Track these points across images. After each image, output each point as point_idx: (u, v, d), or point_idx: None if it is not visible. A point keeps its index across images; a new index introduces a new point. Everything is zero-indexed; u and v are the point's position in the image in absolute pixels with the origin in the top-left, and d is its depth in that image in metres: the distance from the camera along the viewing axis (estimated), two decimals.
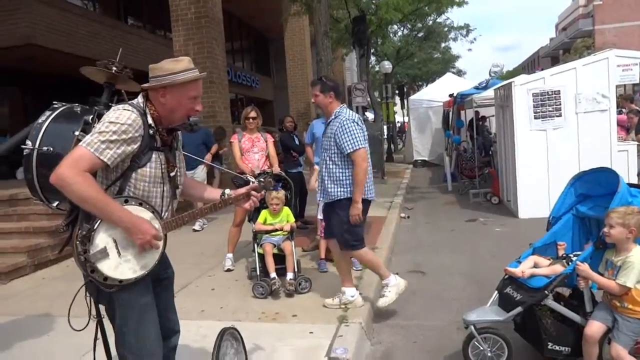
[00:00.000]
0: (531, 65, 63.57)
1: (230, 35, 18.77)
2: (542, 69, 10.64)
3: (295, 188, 6.01)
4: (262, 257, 4.64)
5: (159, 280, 2.25)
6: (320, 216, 5.26)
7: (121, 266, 2.00)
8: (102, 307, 2.22)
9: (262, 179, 2.62)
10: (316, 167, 5.50)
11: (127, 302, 2.07)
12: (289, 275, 4.46)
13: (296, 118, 12.81)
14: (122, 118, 1.98)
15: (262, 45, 25.88)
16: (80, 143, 1.94)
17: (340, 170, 3.87)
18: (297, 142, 7.73)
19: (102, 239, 1.96)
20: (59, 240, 6.07)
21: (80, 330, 2.19)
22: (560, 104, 7.56)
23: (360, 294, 4.15)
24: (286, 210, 4.91)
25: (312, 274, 4.81)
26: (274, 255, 4.61)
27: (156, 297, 2.21)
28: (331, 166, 3.90)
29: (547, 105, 7.61)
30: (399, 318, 4.14)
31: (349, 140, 3.77)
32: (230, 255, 5.34)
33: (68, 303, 4.24)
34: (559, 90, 7.54)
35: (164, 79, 2.09)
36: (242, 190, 2.49)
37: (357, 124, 3.86)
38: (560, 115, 7.57)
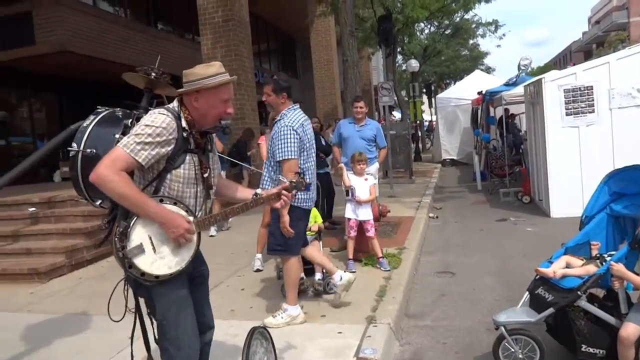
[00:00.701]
0: (563, 60, 61.97)
1: (257, 38, 18.95)
2: (574, 64, 10.39)
3: (323, 189, 6.06)
4: None
5: (194, 277, 2.34)
6: (347, 216, 5.29)
7: (157, 262, 2.08)
8: (141, 301, 2.31)
9: (293, 179, 2.65)
10: (342, 164, 5.51)
11: (165, 296, 2.16)
12: (317, 276, 4.49)
13: (323, 118, 12.88)
14: (157, 121, 2.08)
15: (288, 46, 26.05)
16: (118, 144, 2.05)
17: (277, 176, 3.71)
18: (323, 142, 7.77)
19: (138, 235, 2.05)
20: (95, 241, 6.27)
21: (118, 321, 2.28)
22: (593, 100, 7.36)
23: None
24: (314, 210, 4.93)
25: None
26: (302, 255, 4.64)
27: (191, 294, 2.29)
28: (271, 171, 3.83)
29: (579, 101, 7.42)
30: (428, 319, 4.12)
31: (280, 147, 3.65)
32: (259, 255, 5.40)
33: (104, 302, 4.37)
34: (592, 86, 7.35)
35: (196, 83, 2.19)
36: (274, 190, 2.54)
37: (295, 132, 3.67)
38: (593, 112, 7.38)
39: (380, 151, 6.42)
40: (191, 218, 2.17)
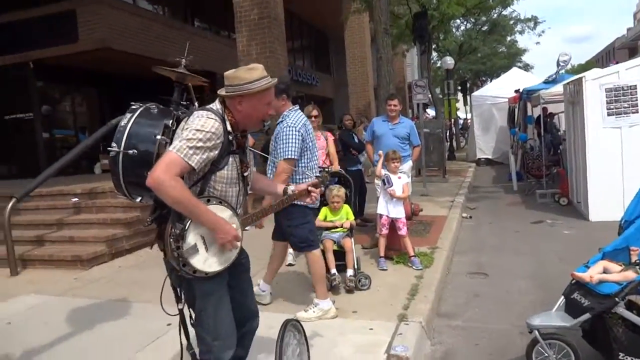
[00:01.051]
0: (606, 57, 59.74)
1: (291, 35, 19.07)
2: (618, 62, 10.03)
3: (355, 186, 6.08)
4: (322, 253, 4.73)
5: (234, 266, 2.39)
6: (380, 212, 5.31)
7: (209, 260, 2.18)
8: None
9: (318, 175, 2.74)
10: (381, 152, 5.53)
11: (206, 290, 2.26)
12: (349, 272, 4.53)
13: (355, 116, 12.86)
14: (207, 126, 2.13)
15: (322, 43, 26.09)
16: (170, 148, 2.09)
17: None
18: (356, 140, 7.79)
19: (192, 237, 2.14)
20: (133, 231, 6.50)
21: (174, 316, 2.37)
22: (636, 100, 7.11)
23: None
24: (346, 207, 4.98)
25: (372, 272, 4.85)
26: (334, 251, 4.69)
27: (235, 283, 2.40)
28: (274, 169, 3.87)
29: (621, 101, 7.18)
30: (460, 319, 4.10)
31: (282, 147, 3.73)
32: (291, 250, 5.46)
33: (143, 290, 4.55)
34: (636, 85, 7.09)
35: (240, 88, 2.23)
36: (303, 186, 2.67)
37: (298, 132, 3.75)
38: (636, 112, 7.13)
39: (414, 149, 6.39)
40: (236, 219, 2.25)
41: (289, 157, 3.73)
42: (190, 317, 2.38)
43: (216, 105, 2.30)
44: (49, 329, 3.99)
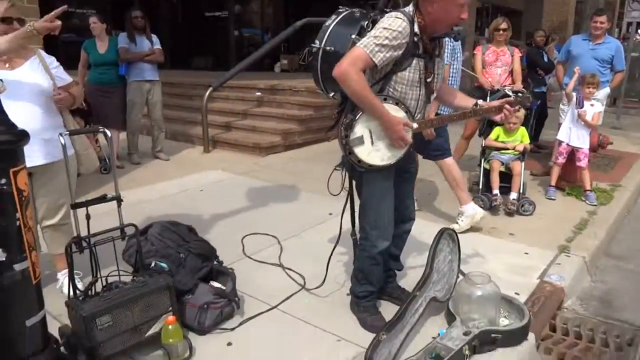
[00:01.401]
0: None
1: None
2: None
3: (536, 109, 5.62)
4: (487, 172, 4.60)
5: (403, 171, 2.54)
6: (560, 138, 4.88)
7: (372, 154, 2.32)
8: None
9: (520, 95, 2.60)
10: (578, 69, 4.98)
11: (372, 182, 2.43)
12: (513, 195, 4.35)
13: (548, 32, 11.44)
14: (394, 25, 2.17)
15: None
16: (358, 44, 2.19)
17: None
18: (545, 59, 7.02)
19: (360, 128, 2.28)
20: (306, 128, 7.02)
21: (335, 195, 2.60)
22: None
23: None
24: (522, 130, 4.66)
25: (538, 199, 4.58)
26: (500, 173, 4.52)
27: (397, 186, 2.52)
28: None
29: None
30: (633, 263, 3.73)
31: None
32: None
33: (310, 181, 4.98)
34: None
35: None
36: (496, 102, 2.57)
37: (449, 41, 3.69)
38: None
39: (616, 75, 5.55)
40: (414, 125, 2.32)
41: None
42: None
43: (409, 8, 2.30)
44: (231, 200, 4.66)
